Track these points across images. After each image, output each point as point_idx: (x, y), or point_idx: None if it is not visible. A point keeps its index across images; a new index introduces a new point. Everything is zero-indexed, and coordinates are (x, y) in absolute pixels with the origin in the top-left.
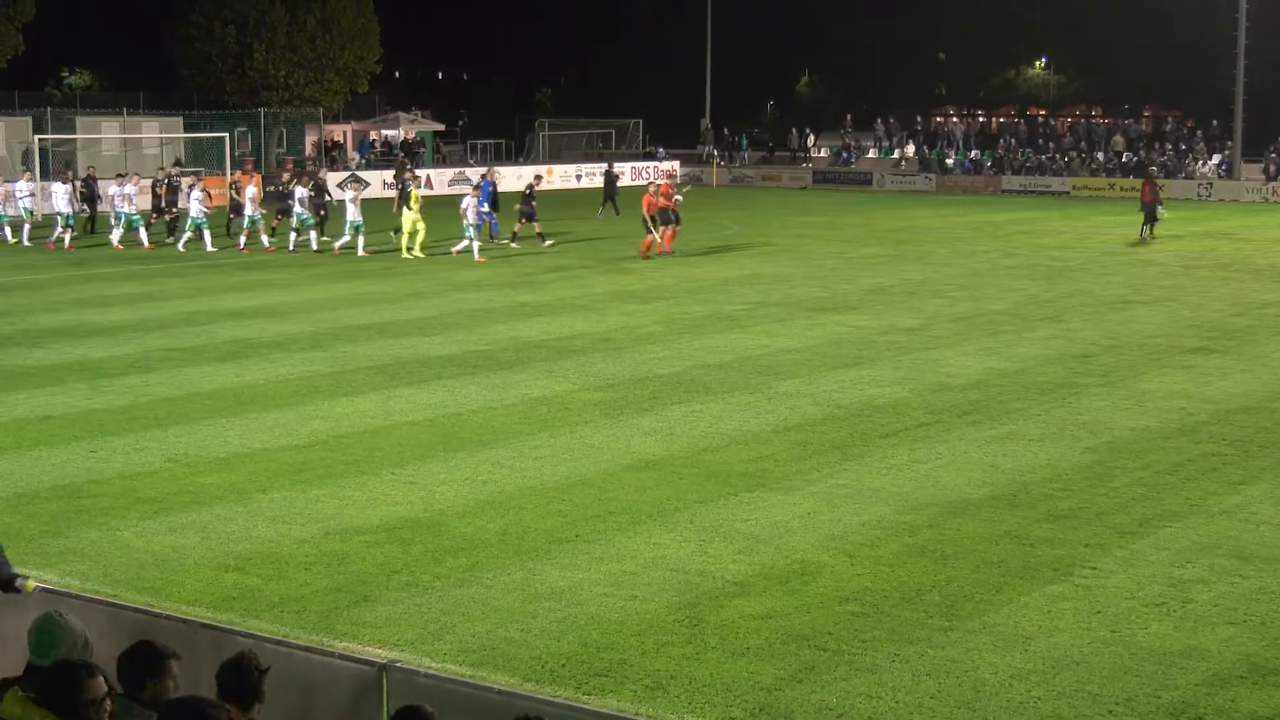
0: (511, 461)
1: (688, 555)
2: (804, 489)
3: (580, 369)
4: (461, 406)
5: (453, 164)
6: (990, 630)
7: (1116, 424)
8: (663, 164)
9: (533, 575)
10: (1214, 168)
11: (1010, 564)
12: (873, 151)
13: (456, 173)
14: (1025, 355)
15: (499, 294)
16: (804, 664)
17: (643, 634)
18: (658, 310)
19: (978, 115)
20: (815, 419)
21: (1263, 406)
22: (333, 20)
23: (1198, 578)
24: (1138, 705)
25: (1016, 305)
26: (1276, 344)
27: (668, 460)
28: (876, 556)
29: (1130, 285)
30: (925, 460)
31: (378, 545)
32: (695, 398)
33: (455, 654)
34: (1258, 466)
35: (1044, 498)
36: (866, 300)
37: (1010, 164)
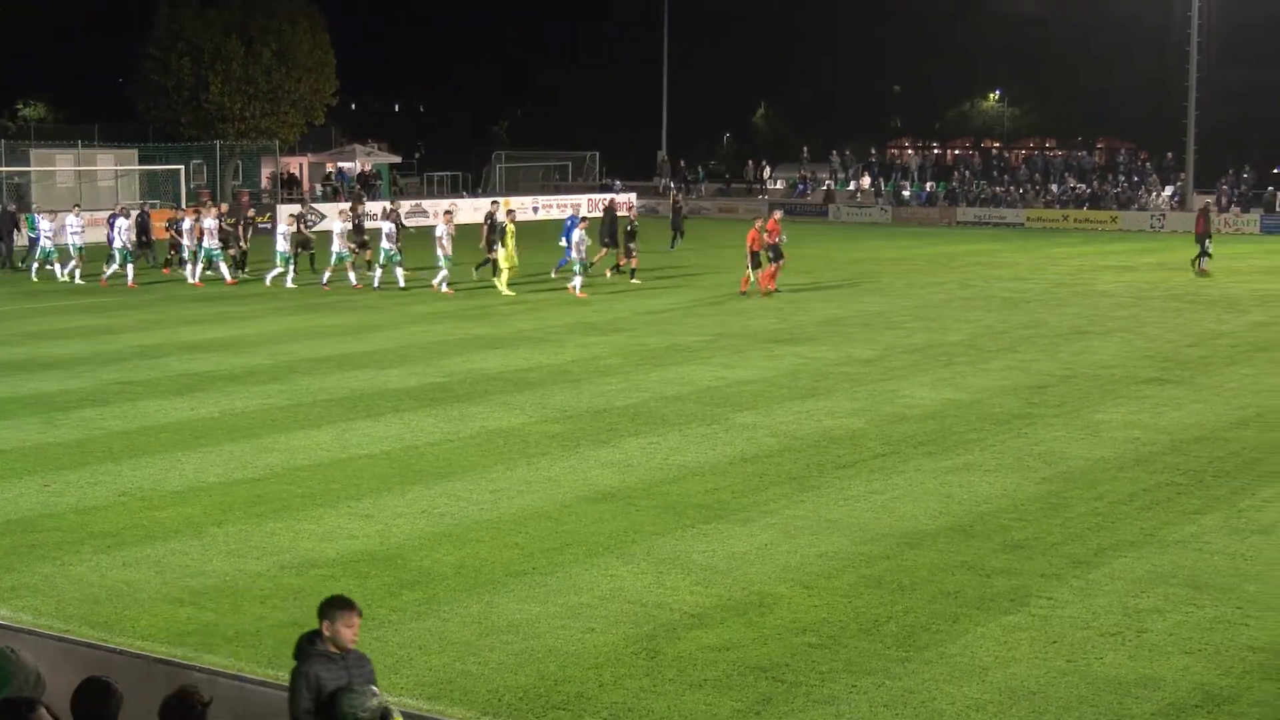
0: (468, 494)
1: (645, 587)
2: (761, 520)
3: (537, 401)
4: (418, 439)
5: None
6: (947, 661)
7: (1072, 454)
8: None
9: (490, 608)
10: (1167, 199)
11: (967, 594)
12: (828, 183)
13: (413, 204)
14: (981, 386)
15: (456, 326)
16: (761, 696)
17: (600, 666)
18: (615, 342)
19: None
20: (772, 450)
21: (1216, 436)
22: (289, 53)
23: (1153, 607)
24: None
25: (972, 336)
26: (1230, 374)
27: (625, 492)
28: (833, 588)
29: (1085, 316)
30: (882, 491)
31: (334, 579)
32: (652, 429)
33: (412, 688)
34: (1212, 496)
35: (1000, 528)
36: (823, 332)
37: (965, 196)
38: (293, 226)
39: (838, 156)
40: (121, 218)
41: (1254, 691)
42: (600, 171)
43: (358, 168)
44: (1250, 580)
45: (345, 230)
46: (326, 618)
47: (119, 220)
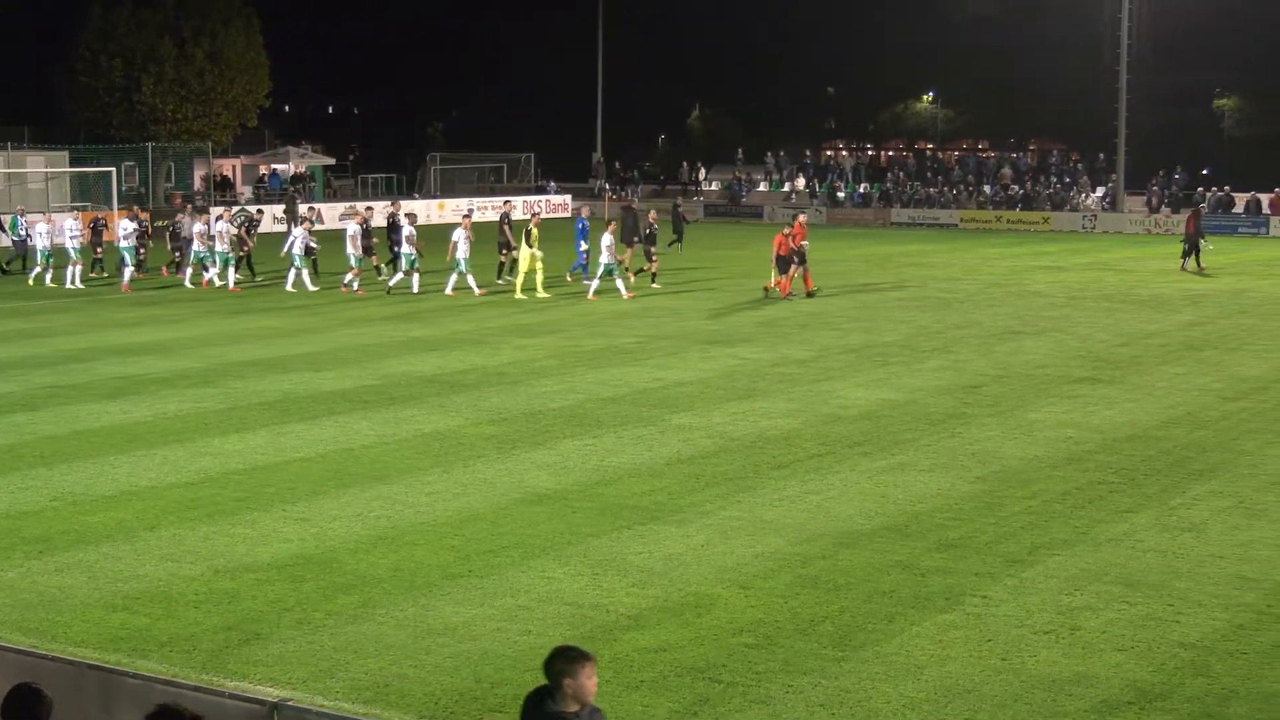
0: (404, 497)
1: (581, 589)
2: (697, 521)
3: (473, 403)
4: (353, 442)
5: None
6: (883, 660)
7: (1005, 453)
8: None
9: (426, 611)
10: (1098, 200)
11: (902, 594)
12: (764, 185)
13: (347, 207)
14: (916, 386)
15: (391, 329)
16: (698, 696)
17: (537, 669)
18: (550, 344)
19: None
20: (708, 451)
21: (1148, 435)
22: (221, 54)
23: (1086, 605)
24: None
25: (907, 337)
26: (1161, 373)
27: (561, 494)
28: (769, 588)
29: (1018, 316)
30: (817, 491)
31: (269, 583)
32: (588, 431)
33: (348, 691)
34: (1144, 494)
35: (935, 527)
36: (759, 333)
37: (899, 197)
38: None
39: (773, 158)
40: (128, 220)
41: (1185, 688)
42: (536, 173)
43: (291, 169)
44: (1181, 578)
45: (356, 234)
46: (568, 674)
47: (125, 223)
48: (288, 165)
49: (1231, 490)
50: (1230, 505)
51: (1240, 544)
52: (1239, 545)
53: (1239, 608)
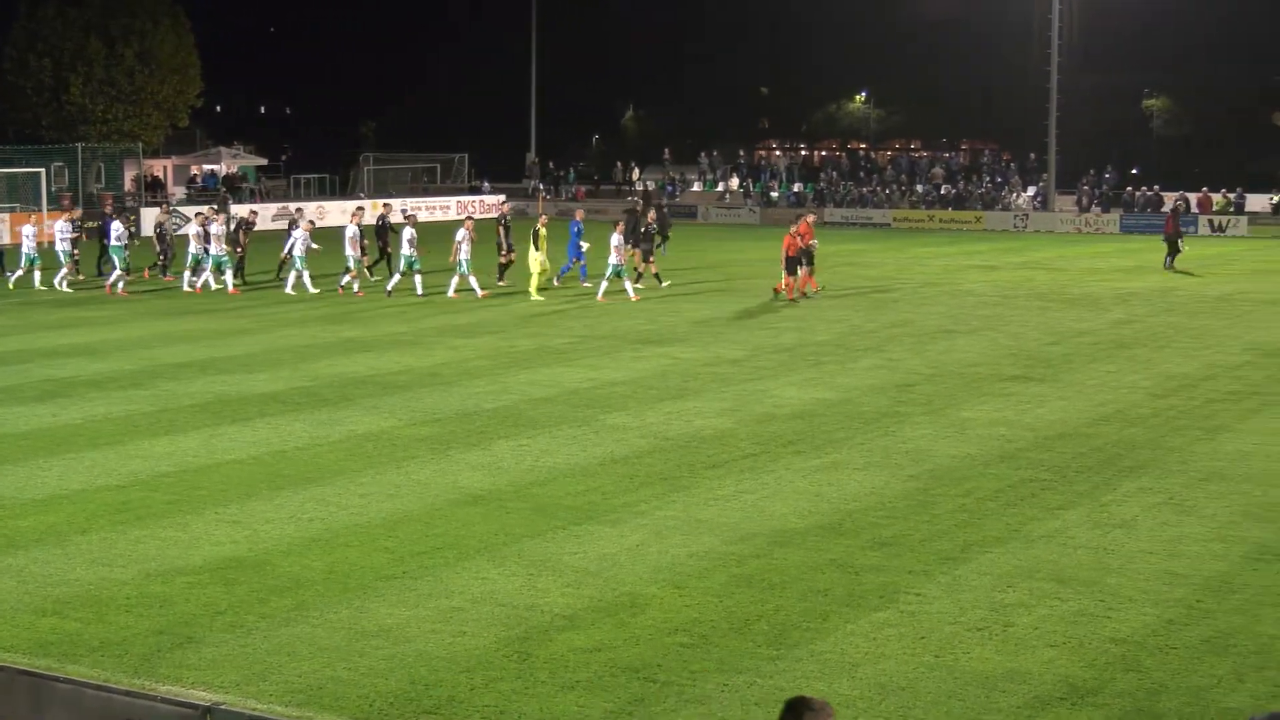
0: (337, 499)
1: (516, 590)
2: (632, 521)
3: (406, 404)
4: (286, 444)
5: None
6: (818, 658)
7: (939, 452)
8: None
9: (360, 613)
10: (1029, 200)
11: (836, 592)
12: (697, 184)
13: (280, 208)
14: (849, 385)
15: (324, 330)
16: (634, 696)
17: (471, 670)
18: (484, 345)
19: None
20: (642, 451)
21: (1079, 432)
22: (151, 54)
23: (1018, 602)
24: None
25: (840, 336)
26: (1092, 371)
27: (495, 495)
28: (705, 587)
29: (951, 315)
30: (752, 490)
31: (201, 586)
32: (522, 432)
33: (281, 694)
34: (1075, 492)
35: (869, 526)
36: (692, 332)
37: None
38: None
39: (706, 158)
40: (117, 221)
41: (1116, 683)
42: (469, 173)
43: (223, 170)
44: (1112, 574)
45: (356, 235)
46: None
47: (113, 224)
48: (219, 165)
49: (1161, 486)
50: (1160, 501)
51: (1170, 540)
52: (1169, 541)
53: (1169, 603)
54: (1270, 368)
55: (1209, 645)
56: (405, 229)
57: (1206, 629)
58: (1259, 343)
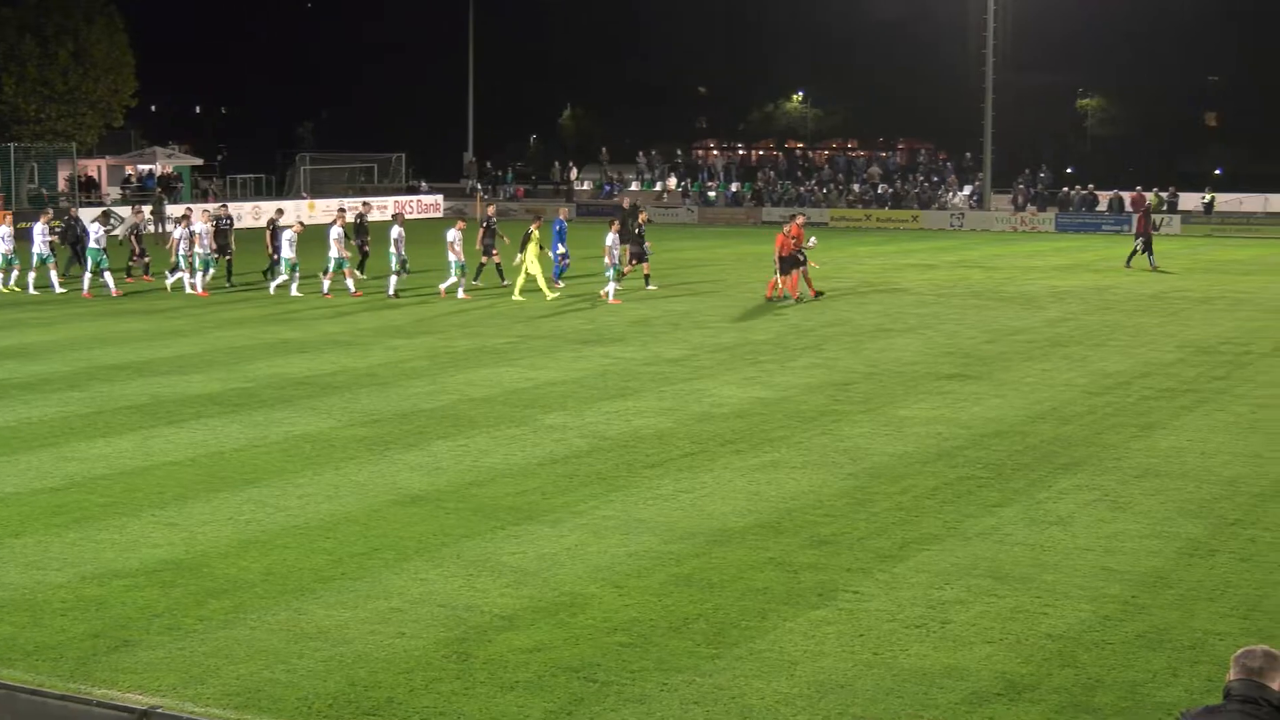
0: (275, 500)
1: (455, 590)
2: (571, 521)
3: (344, 405)
4: (223, 445)
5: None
6: (757, 656)
7: (876, 450)
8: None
9: (298, 615)
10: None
11: (775, 590)
12: (635, 184)
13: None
14: (787, 384)
15: (261, 331)
16: (573, 696)
17: (411, 671)
18: (422, 345)
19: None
20: (581, 451)
21: (1015, 430)
22: (86, 53)
23: (956, 599)
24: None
25: (778, 335)
26: (1028, 369)
27: (434, 495)
28: (644, 586)
29: (887, 314)
30: (690, 490)
31: (138, 589)
32: (461, 432)
33: (219, 697)
34: (1011, 489)
35: (807, 524)
36: (631, 332)
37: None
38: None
39: (644, 157)
40: (96, 223)
41: (1053, 679)
42: (407, 173)
43: (158, 170)
44: (1048, 570)
45: (340, 236)
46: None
47: (95, 226)
48: (154, 165)
49: (1097, 483)
50: (1096, 498)
51: (1106, 536)
52: (1105, 538)
53: (1105, 599)
54: (1203, 365)
55: (1144, 640)
56: (393, 228)
57: (1142, 624)
58: (1192, 340)
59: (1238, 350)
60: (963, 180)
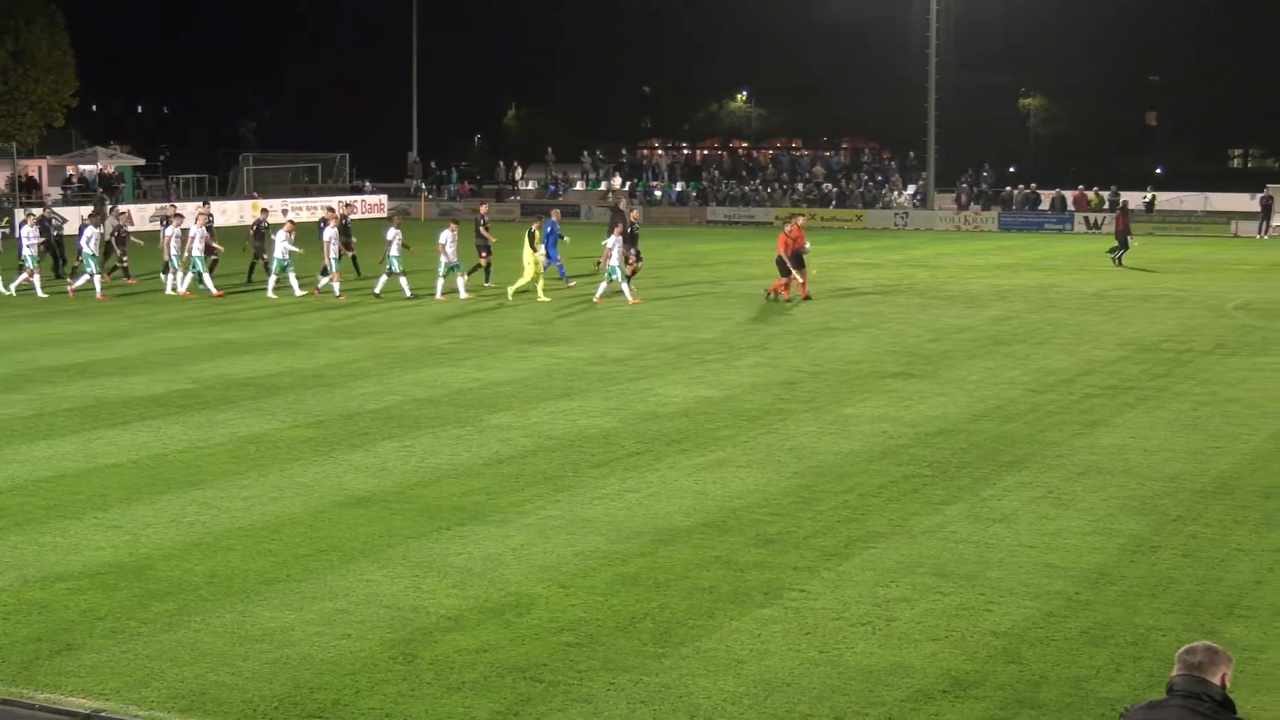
0: (219, 502)
1: (401, 591)
2: (516, 521)
3: (289, 406)
4: (167, 447)
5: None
6: (703, 655)
7: (822, 448)
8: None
9: (243, 617)
10: (909, 198)
11: (721, 589)
12: (580, 184)
13: (159, 208)
14: (733, 383)
15: (205, 332)
16: (520, 696)
17: (356, 673)
18: (367, 345)
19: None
20: (527, 451)
21: (960, 428)
22: (26, 53)
23: (901, 596)
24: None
25: (724, 334)
26: (972, 368)
27: (379, 496)
28: (590, 586)
29: (832, 313)
30: (636, 489)
31: (81, 592)
32: (406, 433)
33: (163, 700)
34: (956, 487)
35: (753, 523)
36: (576, 332)
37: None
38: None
39: (589, 157)
40: (92, 226)
41: (997, 675)
42: (351, 173)
43: (99, 170)
44: (993, 567)
45: (333, 237)
46: None
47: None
48: (96, 166)
49: (1040, 481)
50: (1039, 495)
51: (1049, 533)
52: (1048, 535)
53: (1048, 596)
54: (1145, 362)
55: (1088, 637)
56: (390, 230)
57: (1085, 620)
58: (1134, 338)
59: (1179, 348)
60: (906, 179)
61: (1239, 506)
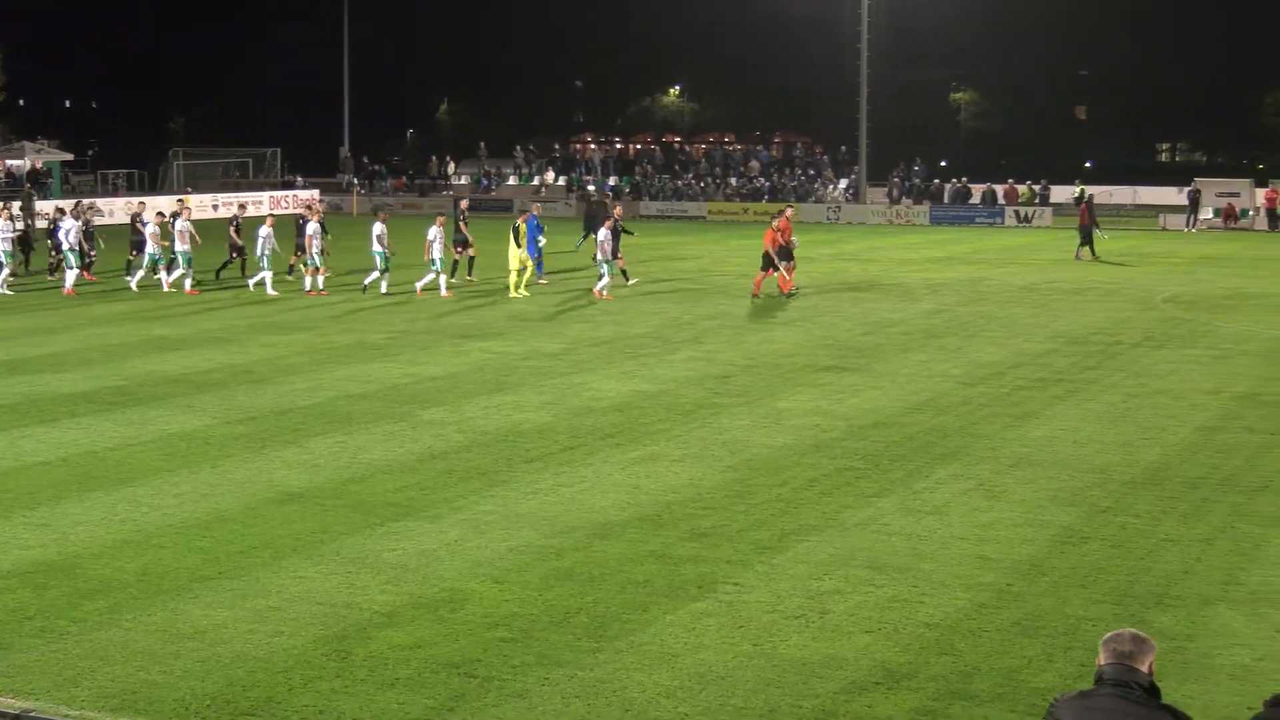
0: (150, 499)
1: (334, 588)
2: (451, 517)
3: (221, 402)
4: (97, 444)
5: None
6: (637, 650)
7: (755, 442)
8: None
9: (175, 615)
10: (842, 192)
11: (655, 583)
12: (513, 178)
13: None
14: (667, 377)
15: (136, 328)
16: (454, 692)
17: (290, 670)
18: (300, 341)
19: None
20: (461, 446)
21: (892, 421)
22: None
23: (834, 589)
24: (780, 715)
25: (658, 328)
26: (904, 361)
27: (312, 492)
28: (524, 581)
29: (766, 307)
30: (570, 484)
31: (9, 591)
32: (339, 428)
33: (94, 700)
34: (889, 479)
35: (687, 517)
36: (510, 327)
37: (648, 190)
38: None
39: (522, 151)
40: (71, 219)
41: (930, 666)
42: (282, 168)
43: (27, 165)
44: (925, 560)
45: (316, 232)
46: None
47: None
48: (23, 161)
49: (972, 473)
50: (971, 488)
51: (981, 525)
52: (980, 527)
53: (980, 587)
54: (1074, 355)
55: (1019, 627)
56: (375, 225)
57: (1017, 612)
58: (1063, 331)
59: (1108, 340)
60: (839, 174)
61: (1167, 497)
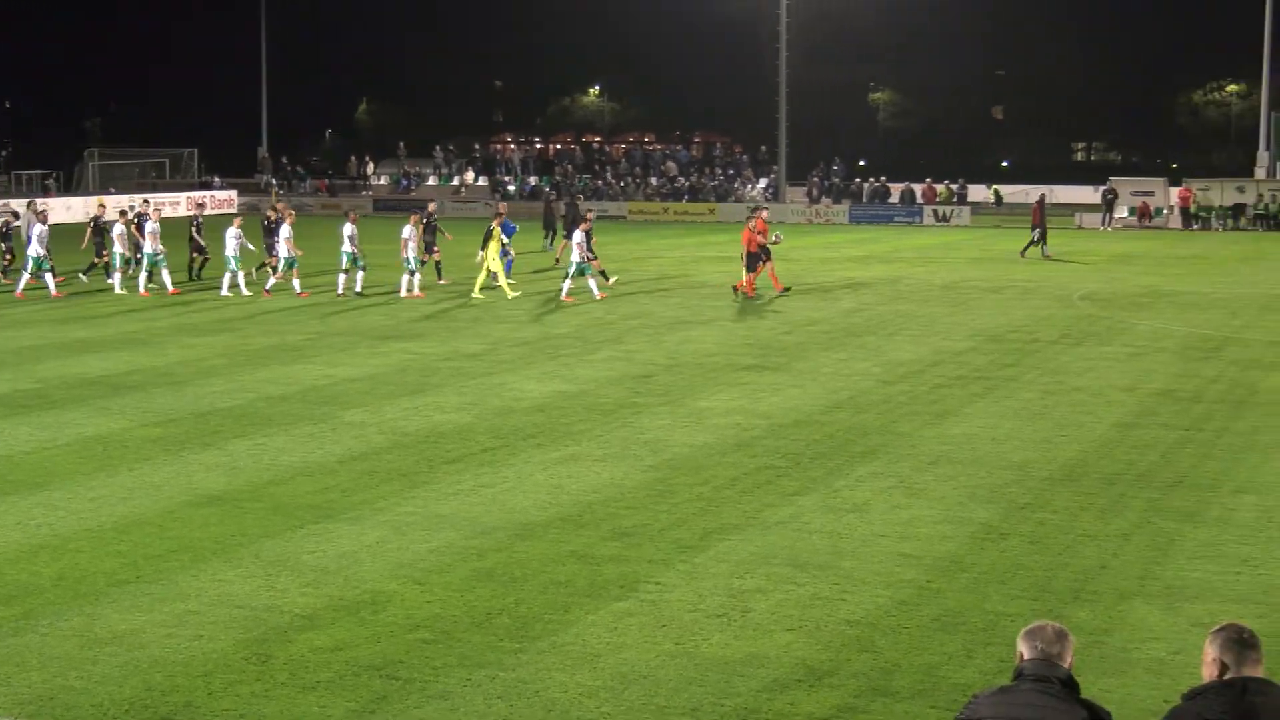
0: (66, 503)
1: (254, 591)
2: (371, 518)
3: (138, 405)
4: (11, 448)
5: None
6: (559, 650)
7: (676, 441)
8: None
9: (92, 620)
10: (761, 191)
11: (577, 583)
12: (433, 179)
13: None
14: (588, 377)
15: (53, 330)
16: (376, 694)
17: (209, 674)
18: (219, 342)
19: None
20: (381, 447)
21: (813, 420)
22: None
23: (756, 587)
24: (703, 714)
25: (579, 328)
26: (824, 359)
27: (231, 495)
28: (446, 582)
29: (687, 307)
30: (492, 484)
31: None
32: (258, 430)
33: (10, 706)
34: (809, 478)
35: (608, 516)
36: (430, 328)
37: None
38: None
39: (441, 151)
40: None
41: (851, 664)
42: (199, 169)
43: None
44: (846, 557)
45: (290, 235)
46: None
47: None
48: None
49: (892, 471)
50: (891, 485)
51: (901, 523)
52: (900, 524)
53: (901, 584)
54: (993, 353)
55: (939, 624)
56: (345, 225)
57: (937, 608)
58: (982, 329)
59: (1026, 338)
60: (758, 173)
61: (1085, 493)
